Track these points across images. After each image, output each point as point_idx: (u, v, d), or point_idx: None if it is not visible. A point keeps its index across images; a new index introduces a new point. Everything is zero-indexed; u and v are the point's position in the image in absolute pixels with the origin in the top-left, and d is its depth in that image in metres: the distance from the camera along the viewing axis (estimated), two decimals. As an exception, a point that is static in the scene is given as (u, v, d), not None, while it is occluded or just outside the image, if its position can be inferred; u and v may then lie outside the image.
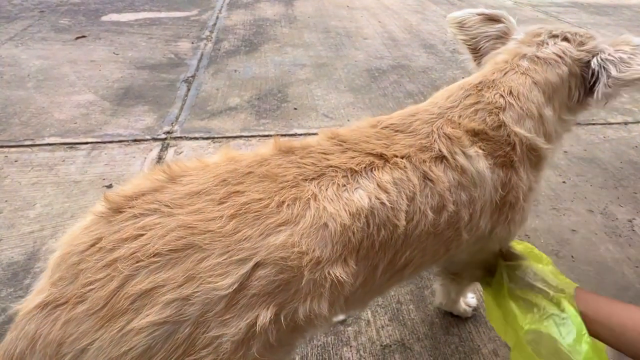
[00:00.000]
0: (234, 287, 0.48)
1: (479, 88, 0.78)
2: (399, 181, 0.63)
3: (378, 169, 0.63)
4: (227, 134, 2.00)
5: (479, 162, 0.71)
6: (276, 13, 3.86)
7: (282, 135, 2.03)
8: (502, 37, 0.90)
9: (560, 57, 0.80)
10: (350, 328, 1.15)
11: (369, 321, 1.18)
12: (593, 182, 1.83)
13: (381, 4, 4.39)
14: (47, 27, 3.13)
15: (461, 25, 0.93)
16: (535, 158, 0.78)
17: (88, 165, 1.73)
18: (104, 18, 3.42)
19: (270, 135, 2.02)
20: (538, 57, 0.81)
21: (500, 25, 0.90)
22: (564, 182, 1.82)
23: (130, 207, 0.52)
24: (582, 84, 0.82)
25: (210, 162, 0.61)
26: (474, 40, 0.92)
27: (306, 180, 0.58)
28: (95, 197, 1.56)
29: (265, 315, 0.49)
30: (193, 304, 0.46)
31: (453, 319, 1.20)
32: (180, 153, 1.85)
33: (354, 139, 0.67)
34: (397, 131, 0.71)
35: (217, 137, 1.97)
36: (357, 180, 0.61)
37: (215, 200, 0.53)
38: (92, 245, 0.49)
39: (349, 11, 4.07)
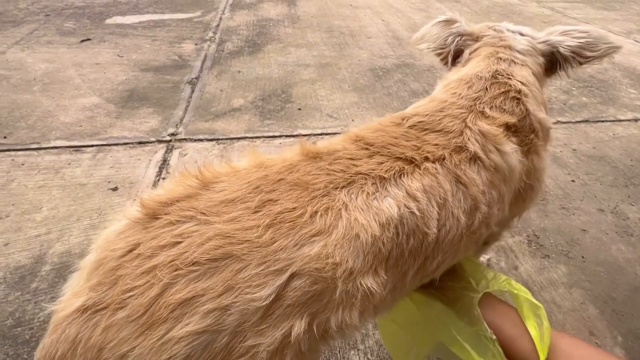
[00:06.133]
0: (271, 298, 0.48)
1: (500, 78, 0.80)
2: (429, 188, 0.62)
3: (407, 175, 0.62)
4: (232, 135, 2.00)
5: (512, 158, 0.71)
6: (279, 13, 3.85)
7: (287, 136, 2.02)
8: (466, 35, 0.95)
9: (533, 47, 0.89)
10: (357, 331, 1.15)
11: (376, 324, 1.16)
12: (603, 180, 1.79)
13: (385, 2, 4.37)
14: (52, 31, 3.15)
15: (424, 40, 1.00)
16: (547, 138, 0.83)
17: (94, 168, 1.73)
18: (108, 21, 3.44)
19: (275, 136, 2.01)
20: (524, 50, 0.87)
21: (458, 24, 0.96)
22: (573, 180, 1.79)
23: (166, 214, 0.52)
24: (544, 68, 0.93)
25: (240, 168, 0.61)
26: (438, 42, 0.97)
27: (336, 188, 0.58)
28: (101, 200, 1.56)
29: (299, 326, 0.49)
30: (231, 314, 0.46)
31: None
32: (185, 155, 1.84)
33: (380, 141, 0.66)
34: (425, 130, 0.69)
35: (222, 139, 1.97)
36: (386, 188, 0.60)
37: (250, 209, 0.53)
38: (130, 251, 0.49)
39: (352, 10, 4.06)
